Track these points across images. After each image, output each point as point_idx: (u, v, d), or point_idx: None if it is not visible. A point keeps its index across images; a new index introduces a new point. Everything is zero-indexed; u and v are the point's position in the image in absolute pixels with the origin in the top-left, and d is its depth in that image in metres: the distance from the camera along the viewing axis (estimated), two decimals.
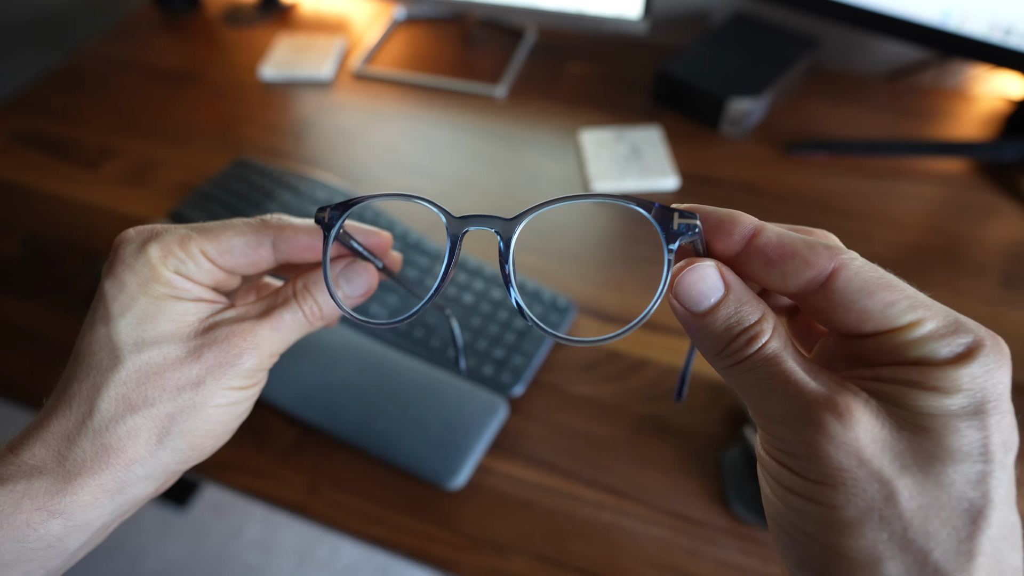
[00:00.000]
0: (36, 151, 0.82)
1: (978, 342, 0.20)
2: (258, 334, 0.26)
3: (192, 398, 0.25)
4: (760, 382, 0.21)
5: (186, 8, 1.02)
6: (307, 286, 0.28)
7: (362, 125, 0.83)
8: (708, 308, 0.21)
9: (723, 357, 0.21)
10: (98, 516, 0.24)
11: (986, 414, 0.19)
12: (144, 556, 1.23)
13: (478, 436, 0.52)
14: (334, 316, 0.29)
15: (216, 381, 0.25)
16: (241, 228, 0.27)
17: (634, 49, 0.91)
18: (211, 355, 0.25)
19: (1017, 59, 0.65)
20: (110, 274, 0.26)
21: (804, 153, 0.76)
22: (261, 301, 0.28)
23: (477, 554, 0.49)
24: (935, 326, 0.20)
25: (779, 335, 0.21)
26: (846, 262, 0.21)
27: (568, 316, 0.60)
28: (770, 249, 0.21)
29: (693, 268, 0.21)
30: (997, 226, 0.69)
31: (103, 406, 0.24)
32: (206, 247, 0.26)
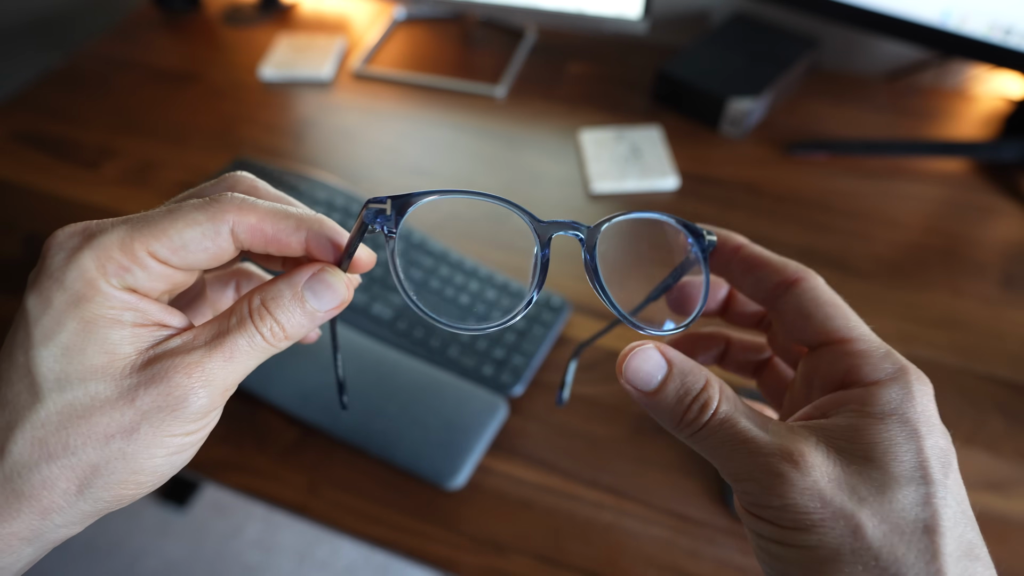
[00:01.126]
0: (36, 151, 0.82)
1: (903, 368, 0.23)
2: (207, 368, 0.22)
3: (122, 448, 0.21)
4: (721, 445, 0.22)
5: (186, 8, 1.02)
6: (265, 303, 0.23)
7: (362, 125, 0.83)
8: (657, 386, 0.23)
9: (683, 427, 0.23)
10: (16, 561, 0.21)
11: (919, 437, 0.21)
12: (144, 556, 1.23)
13: (478, 436, 0.52)
14: (300, 333, 0.24)
15: (154, 429, 0.21)
16: (192, 216, 0.22)
17: (634, 49, 0.91)
18: (148, 397, 0.21)
19: (1017, 59, 0.65)
20: (35, 288, 0.21)
21: (804, 153, 0.76)
22: (210, 324, 0.23)
23: (477, 554, 0.49)
24: (867, 348, 0.23)
25: (727, 397, 0.23)
26: (809, 277, 0.25)
27: (563, 315, 0.60)
28: (750, 258, 0.27)
29: (635, 352, 0.23)
30: (997, 226, 0.69)
31: (15, 449, 0.20)
32: (154, 246, 0.21)
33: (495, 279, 0.62)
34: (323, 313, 0.24)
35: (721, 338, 0.31)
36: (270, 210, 0.23)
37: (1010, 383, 0.56)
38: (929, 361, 0.58)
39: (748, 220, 0.70)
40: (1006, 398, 0.55)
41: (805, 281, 0.25)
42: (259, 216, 0.23)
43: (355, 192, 0.70)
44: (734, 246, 0.27)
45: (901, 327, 0.60)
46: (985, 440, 0.53)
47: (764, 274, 0.26)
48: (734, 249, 0.27)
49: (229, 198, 0.22)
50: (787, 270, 0.26)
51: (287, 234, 0.23)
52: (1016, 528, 0.49)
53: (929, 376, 0.23)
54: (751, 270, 0.27)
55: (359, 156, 0.79)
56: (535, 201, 0.73)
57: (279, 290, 0.23)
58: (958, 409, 0.55)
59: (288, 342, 0.24)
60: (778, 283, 0.26)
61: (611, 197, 0.73)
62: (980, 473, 0.51)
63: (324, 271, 0.24)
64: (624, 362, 0.23)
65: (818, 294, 0.25)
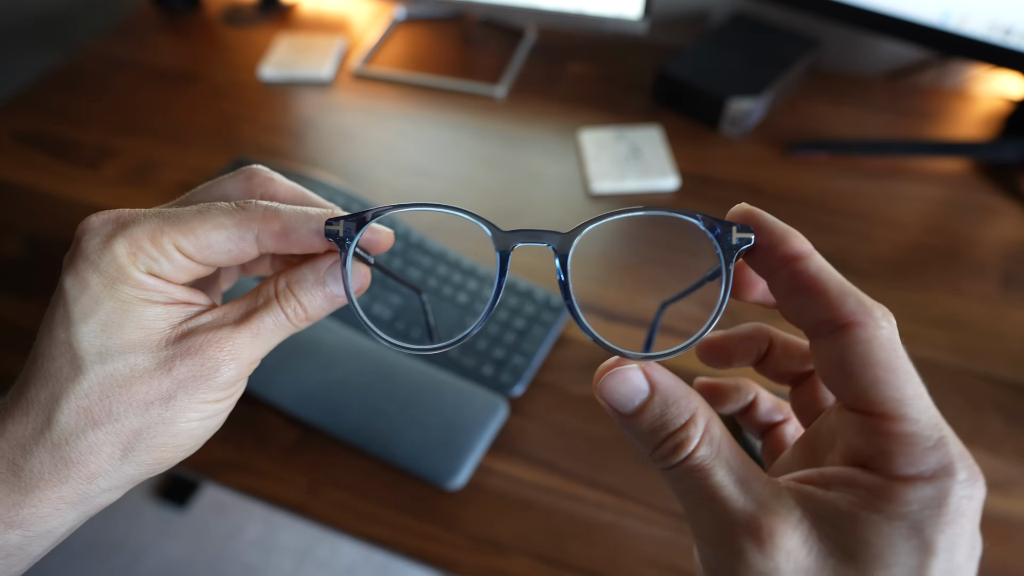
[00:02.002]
0: (36, 151, 0.82)
1: (948, 469, 0.18)
2: (236, 342, 0.23)
3: (161, 414, 0.23)
4: (687, 493, 0.20)
5: (186, 8, 1.02)
6: (289, 286, 0.25)
7: (362, 125, 0.83)
8: (633, 410, 0.21)
9: (654, 460, 0.21)
10: (61, 524, 0.22)
11: (929, 552, 0.17)
12: (144, 556, 1.23)
13: (478, 436, 0.52)
14: (320, 315, 0.26)
15: (189, 396, 0.23)
16: (220, 220, 0.23)
17: (634, 49, 0.91)
18: (184, 367, 0.23)
19: (1017, 59, 0.65)
20: (71, 270, 0.22)
21: (804, 153, 0.76)
22: (239, 303, 0.25)
23: (477, 554, 0.49)
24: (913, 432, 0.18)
25: (710, 440, 0.20)
26: (868, 323, 0.19)
27: (563, 315, 0.60)
28: (803, 277, 0.20)
29: (615, 372, 0.21)
30: (997, 226, 0.69)
31: (62, 418, 0.22)
32: (181, 242, 0.23)
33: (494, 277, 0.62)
34: (342, 297, 0.25)
35: (763, 337, 0.26)
36: (293, 216, 0.24)
37: (1010, 383, 0.56)
38: (929, 361, 0.58)
39: None
40: (1006, 398, 0.55)
41: (861, 329, 0.19)
42: (283, 223, 0.24)
43: (355, 192, 0.70)
44: (790, 254, 0.20)
45: (901, 327, 0.60)
46: (985, 440, 0.53)
47: (812, 304, 0.20)
48: (789, 257, 0.20)
49: (254, 206, 0.24)
50: (843, 308, 0.19)
51: (310, 237, 0.24)
52: (1016, 528, 0.49)
53: (929, 376, 0.21)
54: (800, 292, 0.20)
55: (359, 156, 0.79)
56: (535, 201, 0.73)
57: (303, 274, 0.25)
58: (958, 409, 0.55)
59: (308, 322, 0.25)
60: (826, 320, 0.20)
61: (611, 197, 0.73)
62: None
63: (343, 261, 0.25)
64: (600, 380, 0.21)
65: (872, 348, 0.19)
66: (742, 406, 0.28)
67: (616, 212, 0.22)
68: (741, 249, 0.21)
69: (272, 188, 0.26)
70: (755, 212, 0.22)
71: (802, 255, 0.20)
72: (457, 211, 0.23)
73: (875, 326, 0.19)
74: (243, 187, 0.26)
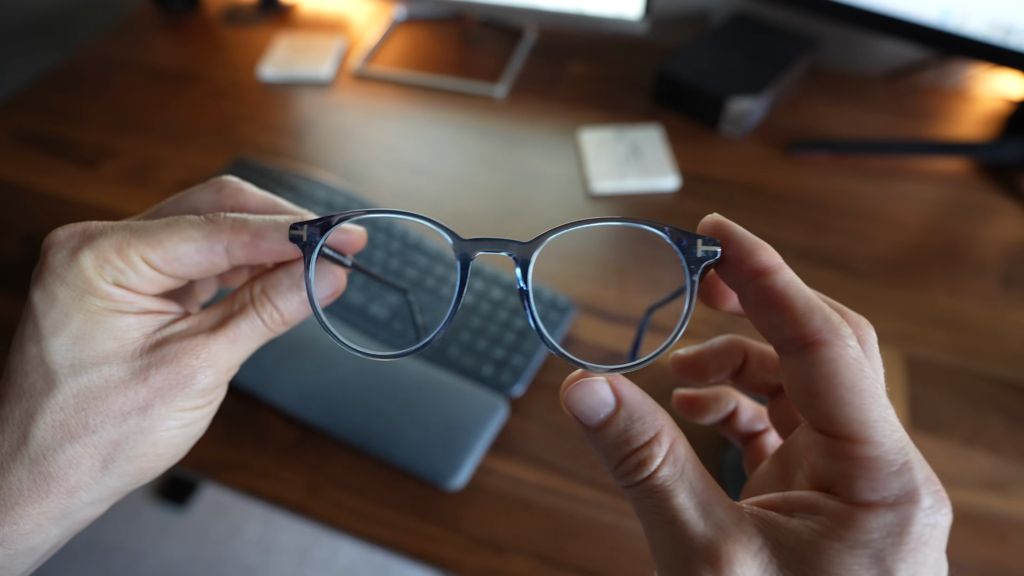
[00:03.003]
0: (36, 151, 0.82)
1: (911, 495, 0.17)
2: (212, 349, 0.23)
3: (139, 423, 0.22)
4: (647, 513, 0.19)
5: (186, 8, 1.02)
6: (265, 291, 0.25)
7: (362, 125, 0.83)
8: (598, 423, 0.20)
9: (617, 476, 0.20)
10: (44, 541, 0.22)
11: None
12: (144, 556, 1.23)
13: (478, 436, 0.52)
14: (297, 319, 0.26)
15: (166, 404, 0.23)
16: (188, 232, 0.23)
17: (634, 49, 0.91)
18: (159, 376, 0.22)
19: (1017, 59, 0.65)
20: (39, 284, 0.22)
21: (804, 153, 0.76)
22: (214, 310, 0.25)
23: (477, 554, 0.49)
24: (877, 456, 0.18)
25: (674, 460, 0.19)
26: (834, 342, 0.18)
27: (568, 315, 0.60)
28: (770, 292, 0.20)
29: (582, 383, 0.21)
30: (997, 226, 0.69)
31: (38, 433, 0.21)
32: (148, 254, 0.23)
33: (500, 276, 0.62)
34: (321, 300, 0.25)
35: (738, 350, 0.26)
36: (262, 227, 0.24)
37: (1010, 383, 0.56)
38: (929, 361, 0.58)
39: (748, 220, 0.70)
40: (1006, 398, 0.55)
41: (827, 348, 0.18)
42: (252, 234, 0.24)
43: (355, 192, 0.70)
44: (757, 268, 0.20)
45: (901, 327, 0.60)
46: (985, 440, 0.53)
47: (779, 319, 0.19)
48: (756, 272, 0.20)
49: (223, 218, 0.24)
50: (809, 325, 0.19)
51: (280, 245, 0.24)
52: (1016, 528, 0.49)
53: (929, 376, 0.20)
54: (767, 307, 0.20)
55: (359, 156, 0.79)
56: (535, 201, 0.73)
57: (279, 279, 0.25)
58: (958, 409, 0.55)
59: (285, 327, 0.25)
60: (792, 337, 0.19)
61: (611, 197, 0.73)
62: (980, 473, 0.51)
63: (320, 262, 0.25)
64: (567, 390, 0.21)
65: (837, 368, 0.18)
66: (723, 416, 0.28)
67: (582, 222, 0.22)
68: (706, 263, 0.21)
69: (242, 199, 0.26)
70: (724, 224, 0.21)
71: (770, 269, 0.20)
72: (419, 218, 0.23)
73: (841, 345, 0.18)
74: (213, 199, 0.26)
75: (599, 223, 0.22)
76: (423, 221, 0.23)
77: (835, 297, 0.21)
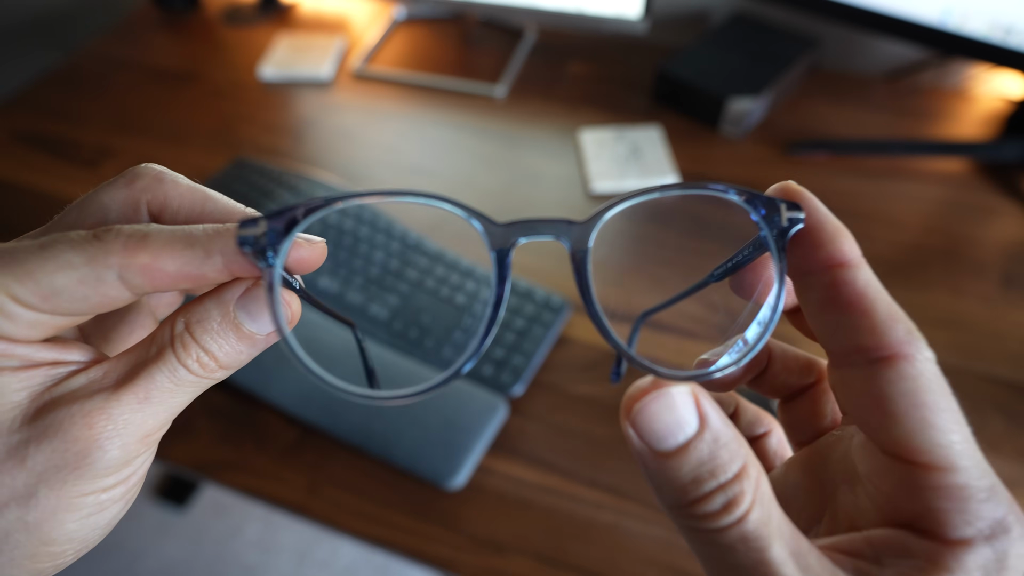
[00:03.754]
0: (36, 151, 0.82)
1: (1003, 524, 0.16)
2: (114, 414, 0.17)
3: (21, 518, 0.17)
4: (732, 569, 0.16)
5: (186, 8, 1.02)
6: (189, 327, 0.18)
7: (362, 125, 0.83)
8: (674, 448, 0.16)
9: (686, 517, 0.16)
10: None
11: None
12: (144, 556, 1.23)
13: (478, 436, 0.52)
14: (237, 363, 0.19)
15: (55, 492, 0.17)
16: (67, 258, 0.17)
17: (634, 49, 0.91)
18: (40, 456, 0.17)
19: (1017, 59, 0.65)
20: None
21: (804, 153, 0.76)
22: (125, 356, 0.18)
23: (477, 554, 0.49)
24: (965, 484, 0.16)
25: (762, 498, 0.16)
26: (917, 357, 0.17)
27: (562, 316, 0.60)
28: (847, 291, 0.17)
29: (660, 394, 0.16)
30: (997, 226, 0.69)
31: None
32: (16, 290, 0.17)
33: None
34: (264, 337, 0.19)
35: (764, 352, 0.23)
36: (168, 241, 0.18)
37: (1010, 383, 0.56)
38: None
39: None
40: (1006, 398, 0.55)
41: (908, 363, 0.16)
42: (153, 253, 0.17)
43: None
44: (836, 258, 0.17)
45: None
46: (985, 440, 0.53)
47: (852, 324, 0.17)
48: (833, 262, 0.17)
49: (114, 234, 0.18)
50: (891, 336, 0.17)
51: (197, 266, 0.18)
52: None
53: None
54: (838, 307, 0.17)
55: (359, 156, 0.79)
56: (535, 201, 0.73)
57: (206, 311, 0.19)
58: None
59: (225, 372, 0.19)
60: (864, 347, 0.17)
61: (611, 197, 0.73)
62: None
63: (258, 285, 0.19)
64: (637, 403, 0.16)
65: (919, 387, 0.16)
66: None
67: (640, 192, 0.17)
68: (792, 233, 0.17)
69: (161, 192, 0.21)
70: (803, 193, 0.18)
71: (851, 262, 0.17)
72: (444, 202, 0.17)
73: (924, 361, 0.17)
74: (124, 195, 0.21)
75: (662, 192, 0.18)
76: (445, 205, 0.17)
77: None
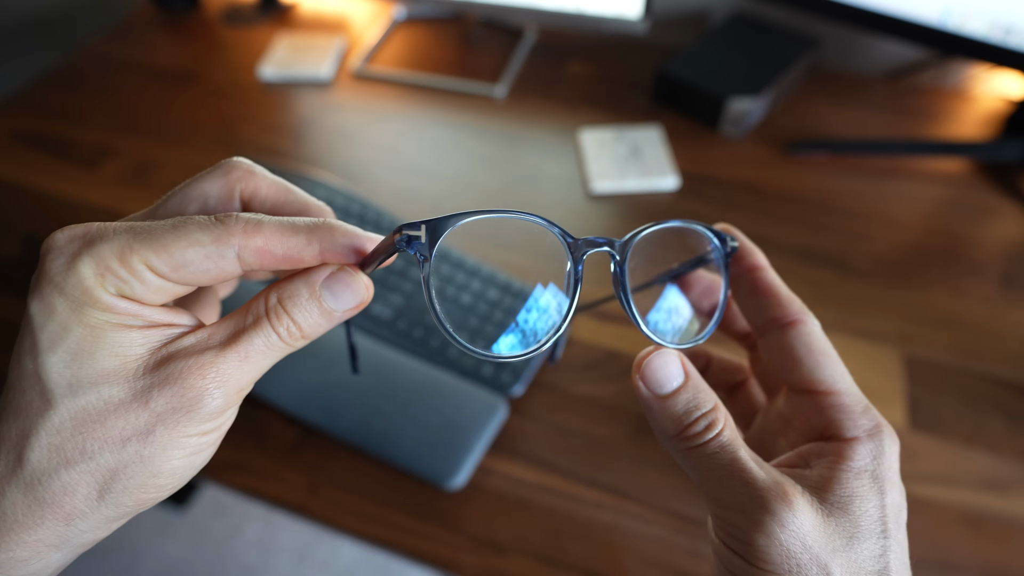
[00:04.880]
0: (36, 151, 0.82)
1: (878, 427, 0.24)
2: (222, 368, 0.21)
3: (139, 451, 0.20)
4: (716, 468, 0.23)
5: (186, 8, 1.02)
6: (281, 301, 0.22)
7: (362, 125, 0.83)
8: (671, 391, 0.24)
9: (681, 439, 0.24)
10: (44, 567, 0.21)
11: (883, 493, 0.23)
12: (144, 556, 1.23)
13: (478, 436, 0.52)
14: (317, 333, 0.24)
15: (169, 430, 0.21)
16: (196, 236, 0.21)
17: (634, 49, 0.91)
18: (162, 399, 0.20)
19: (1017, 59, 0.65)
20: (36, 293, 0.20)
21: (804, 153, 0.76)
22: (226, 322, 0.22)
23: (477, 554, 0.49)
24: (849, 403, 0.24)
25: (731, 425, 0.23)
26: (808, 321, 0.26)
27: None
28: (762, 283, 0.27)
29: (659, 354, 0.24)
30: (997, 226, 0.69)
31: (33, 456, 0.20)
32: (153, 261, 0.20)
33: (512, 286, 0.62)
34: (340, 313, 0.23)
35: (703, 356, 0.32)
36: (278, 229, 0.22)
37: (1010, 383, 0.56)
38: (929, 361, 0.58)
39: (748, 220, 0.70)
40: (1006, 398, 0.55)
41: (803, 325, 0.26)
42: (266, 238, 0.21)
43: (355, 192, 0.70)
44: (752, 265, 0.27)
45: (901, 327, 0.60)
46: (985, 440, 0.53)
47: (767, 304, 0.26)
48: (750, 268, 0.27)
49: (235, 220, 0.21)
50: (790, 308, 0.26)
51: (298, 251, 0.22)
52: (1016, 528, 0.48)
53: (929, 376, 0.25)
54: (757, 295, 0.27)
55: (359, 156, 0.79)
56: (535, 201, 0.73)
57: (296, 289, 0.22)
58: (958, 409, 0.55)
59: (305, 341, 0.23)
60: (776, 318, 0.26)
61: (611, 197, 0.73)
62: (980, 473, 0.51)
63: (343, 270, 0.23)
64: (644, 361, 0.24)
65: (812, 340, 0.25)
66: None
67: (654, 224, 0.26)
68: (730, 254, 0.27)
69: (253, 183, 0.24)
70: (733, 229, 0.28)
71: (762, 266, 0.27)
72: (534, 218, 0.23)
73: (812, 323, 0.26)
74: (221, 184, 0.24)
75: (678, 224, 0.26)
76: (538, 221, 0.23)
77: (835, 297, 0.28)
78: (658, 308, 0.29)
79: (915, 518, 0.47)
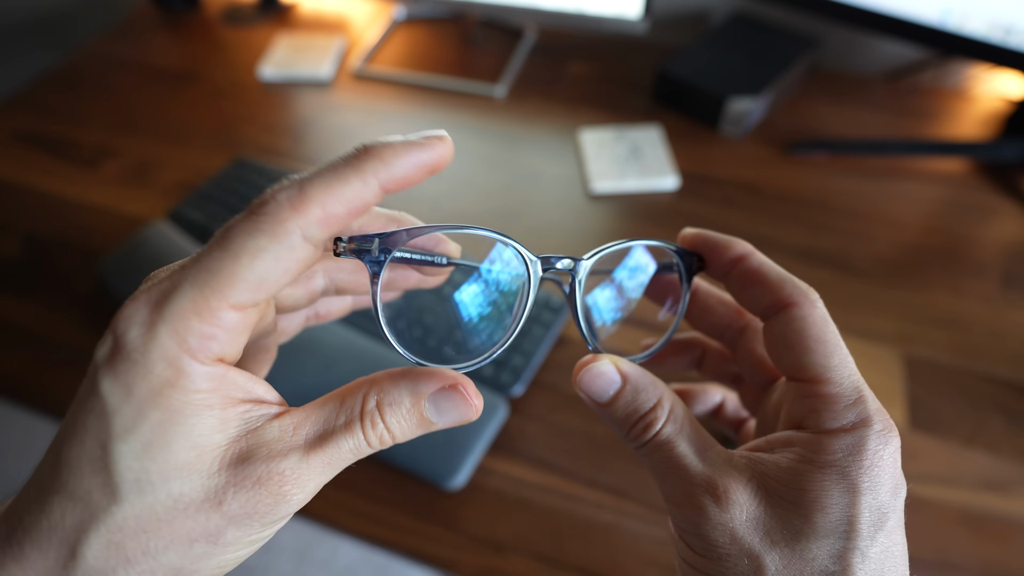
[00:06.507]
0: (36, 151, 0.82)
1: (865, 421, 0.21)
2: (303, 478, 0.19)
3: (206, 551, 0.19)
4: (657, 465, 0.23)
5: (186, 8, 1.02)
6: (380, 407, 0.21)
7: (362, 125, 0.83)
8: (609, 399, 0.24)
9: (629, 440, 0.24)
10: None
11: (855, 492, 0.20)
12: None
13: (478, 436, 0.52)
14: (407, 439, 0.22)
15: (240, 532, 0.19)
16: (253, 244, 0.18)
17: (634, 49, 0.91)
18: (236, 503, 0.19)
19: (1017, 59, 0.65)
20: (110, 371, 0.18)
21: (804, 153, 0.76)
22: (313, 418, 0.20)
23: (477, 554, 0.49)
24: (835, 392, 0.22)
25: (674, 419, 0.23)
26: (803, 303, 0.23)
27: (562, 315, 0.60)
28: (748, 272, 0.25)
29: (591, 367, 0.24)
30: (997, 226, 0.69)
31: (89, 553, 0.18)
32: (232, 296, 0.18)
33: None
34: (437, 425, 0.22)
35: (697, 345, 0.31)
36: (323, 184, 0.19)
37: (1010, 383, 0.56)
38: (929, 361, 0.58)
39: (748, 220, 0.70)
40: (1006, 398, 0.55)
41: (798, 308, 0.23)
42: (320, 203, 0.19)
43: None
44: (736, 256, 0.25)
45: (901, 327, 0.60)
46: (985, 440, 0.53)
47: (760, 292, 0.24)
48: (735, 259, 0.25)
49: (275, 202, 0.19)
50: (782, 291, 0.23)
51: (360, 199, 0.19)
52: (1016, 528, 0.48)
53: (929, 376, 0.23)
54: (748, 285, 0.25)
55: None
56: (535, 201, 0.73)
57: (399, 396, 0.21)
58: (958, 409, 0.55)
59: (389, 446, 0.22)
60: (770, 304, 0.24)
61: (611, 197, 0.73)
62: (980, 473, 0.51)
63: (456, 389, 0.22)
64: (579, 374, 0.24)
65: (806, 324, 0.23)
66: (711, 407, 0.32)
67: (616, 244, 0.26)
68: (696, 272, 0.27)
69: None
70: (701, 232, 0.26)
71: (745, 255, 0.25)
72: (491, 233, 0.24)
73: (809, 305, 0.23)
74: None
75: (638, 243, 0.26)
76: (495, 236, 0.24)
77: (835, 297, 0.25)
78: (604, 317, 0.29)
79: (915, 518, 0.47)
